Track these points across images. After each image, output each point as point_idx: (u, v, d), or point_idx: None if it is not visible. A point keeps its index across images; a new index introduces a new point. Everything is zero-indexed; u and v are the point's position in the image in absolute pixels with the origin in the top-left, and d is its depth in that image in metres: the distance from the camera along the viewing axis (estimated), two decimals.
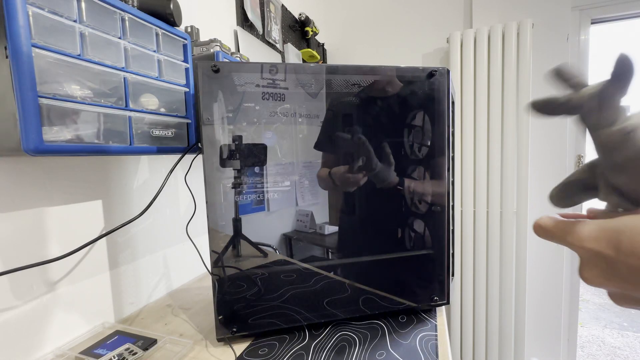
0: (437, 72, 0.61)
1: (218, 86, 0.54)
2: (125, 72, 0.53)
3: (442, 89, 0.61)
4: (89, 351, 0.56)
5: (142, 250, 0.78)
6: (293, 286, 0.61)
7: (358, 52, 2.08)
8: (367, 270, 0.65)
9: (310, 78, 0.58)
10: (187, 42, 0.65)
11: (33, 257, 0.54)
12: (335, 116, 0.60)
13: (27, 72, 0.40)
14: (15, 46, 0.39)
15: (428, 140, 0.62)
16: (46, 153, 0.43)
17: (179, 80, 0.64)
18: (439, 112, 0.62)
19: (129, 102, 0.54)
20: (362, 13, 2.04)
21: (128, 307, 0.74)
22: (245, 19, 1.23)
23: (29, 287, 0.56)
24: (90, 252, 0.66)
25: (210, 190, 0.55)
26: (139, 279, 0.77)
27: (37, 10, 0.41)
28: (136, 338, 0.59)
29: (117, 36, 0.52)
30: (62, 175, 0.61)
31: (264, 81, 0.56)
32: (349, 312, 0.63)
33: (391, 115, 0.62)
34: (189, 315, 0.71)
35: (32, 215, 0.56)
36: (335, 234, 0.64)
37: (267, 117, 0.57)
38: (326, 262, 0.63)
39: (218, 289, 0.57)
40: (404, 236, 0.64)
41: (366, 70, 0.60)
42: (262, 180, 0.58)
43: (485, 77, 1.66)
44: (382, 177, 0.62)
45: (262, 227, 0.59)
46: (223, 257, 0.57)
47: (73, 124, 0.47)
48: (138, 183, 0.76)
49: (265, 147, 0.57)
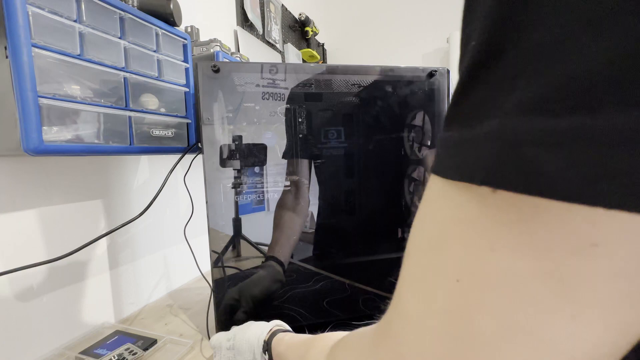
0: (437, 72, 0.61)
1: (218, 86, 0.54)
2: (125, 72, 0.53)
3: (442, 89, 0.61)
4: (89, 351, 0.56)
5: (142, 250, 0.78)
6: (293, 286, 0.61)
7: (358, 52, 2.08)
8: (367, 271, 0.65)
9: (310, 78, 0.58)
10: (187, 42, 0.65)
11: (33, 257, 0.54)
12: (333, 116, 0.60)
13: (27, 72, 0.40)
14: (15, 46, 0.39)
15: (428, 140, 0.62)
16: (46, 153, 0.43)
17: (179, 80, 0.64)
18: (439, 112, 0.62)
19: (129, 102, 0.54)
20: (362, 13, 2.04)
21: (128, 307, 0.74)
22: (245, 19, 1.23)
23: (29, 287, 0.56)
24: (90, 252, 0.65)
25: (210, 190, 0.55)
26: (139, 279, 0.77)
27: (37, 10, 0.41)
28: (136, 338, 0.59)
29: (117, 36, 0.52)
30: (62, 175, 0.61)
31: (264, 81, 0.56)
32: (349, 312, 0.63)
33: (391, 115, 0.62)
34: (189, 315, 0.71)
35: (32, 215, 0.56)
36: (335, 234, 0.64)
37: (267, 117, 0.57)
38: (322, 262, 0.63)
39: (218, 289, 0.57)
40: (404, 236, 0.64)
41: (366, 70, 0.59)
42: (262, 180, 0.58)
43: None
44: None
45: (262, 227, 0.59)
46: (223, 257, 0.57)
47: (73, 124, 0.47)
48: (138, 183, 0.76)
49: (265, 147, 0.57)
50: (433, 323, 0.16)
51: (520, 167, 0.12)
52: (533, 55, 0.12)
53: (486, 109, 0.13)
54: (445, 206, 0.16)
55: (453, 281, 0.15)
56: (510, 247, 0.13)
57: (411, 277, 0.19)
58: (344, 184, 0.63)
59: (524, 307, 0.13)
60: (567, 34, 0.11)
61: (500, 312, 0.14)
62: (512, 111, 0.12)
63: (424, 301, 0.17)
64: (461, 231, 0.15)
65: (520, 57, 0.12)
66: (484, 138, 0.13)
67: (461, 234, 0.15)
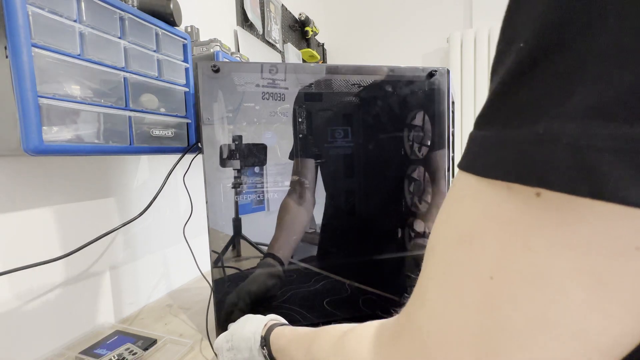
0: (437, 72, 0.61)
1: (218, 86, 0.54)
2: (125, 72, 0.53)
3: (442, 89, 0.61)
4: (89, 351, 0.56)
5: (142, 250, 0.78)
6: (293, 286, 0.61)
7: (358, 52, 2.08)
8: (367, 271, 0.65)
9: (310, 78, 0.58)
10: (187, 42, 0.65)
11: (33, 257, 0.54)
12: (333, 116, 0.60)
13: (27, 72, 0.40)
14: (15, 46, 0.39)
15: (428, 140, 0.62)
16: (46, 153, 0.43)
17: (178, 80, 0.64)
18: (439, 112, 0.62)
19: (129, 102, 0.54)
20: (362, 13, 2.04)
21: (128, 307, 0.74)
22: (245, 19, 1.23)
23: (29, 287, 0.56)
24: (90, 252, 0.65)
25: (210, 190, 0.55)
26: (138, 279, 0.77)
27: (37, 10, 0.41)
28: (136, 338, 0.59)
29: (117, 36, 0.52)
30: (62, 175, 0.61)
31: (264, 81, 0.56)
32: (349, 312, 0.63)
33: (391, 115, 0.62)
34: (189, 315, 0.71)
35: (32, 215, 0.56)
36: (335, 234, 0.64)
37: (267, 117, 0.57)
38: (326, 262, 0.63)
39: (218, 289, 0.57)
40: (404, 236, 0.64)
41: (366, 70, 0.59)
42: (262, 180, 0.58)
43: (485, 77, 1.66)
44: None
45: (262, 227, 0.59)
46: (223, 257, 0.57)
47: (73, 124, 0.47)
48: (138, 183, 0.76)
49: (265, 147, 0.57)
50: (462, 316, 0.17)
51: (583, 171, 0.12)
52: (597, 60, 0.12)
53: (537, 111, 0.14)
54: (479, 203, 0.17)
55: (486, 278, 0.16)
56: (549, 247, 0.14)
57: (438, 271, 0.19)
58: (350, 183, 0.63)
59: (559, 304, 0.14)
60: (636, 41, 0.11)
61: (533, 307, 0.15)
62: (572, 114, 0.12)
63: (452, 295, 0.18)
64: (497, 229, 0.16)
65: (579, 61, 0.12)
66: (537, 139, 0.13)
67: (496, 232, 0.16)
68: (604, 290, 0.13)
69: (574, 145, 0.12)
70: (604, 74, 0.12)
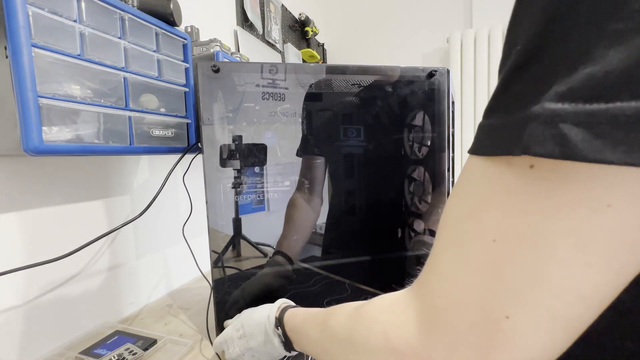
0: (437, 72, 0.61)
1: (218, 86, 0.54)
2: (125, 72, 0.53)
3: (442, 89, 0.61)
4: (89, 351, 0.56)
5: (142, 250, 0.78)
6: (293, 286, 0.61)
7: (358, 52, 2.08)
8: (368, 270, 0.65)
9: (310, 78, 0.58)
10: (187, 42, 0.65)
11: (33, 257, 0.54)
12: (333, 116, 0.60)
13: (27, 72, 0.40)
14: (15, 46, 0.39)
15: (428, 140, 0.62)
16: (46, 153, 0.43)
17: (178, 80, 0.64)
18: (439, 112, 0.62)
19: (128, 102, 0.54)
20: (362, 13, 2.04)
21: (128, 307, 0.74)
22: (245, 19, 1.23)
23: (29, 287, 0.56)
24: (90, 252, 0.65)
25: (210, 190, 0.55)
26: (139, 278, 0.77)
27: (37, 10, 0.41)
28: (136, 338, 0.59)
29: (117, 36, 0.52)
30: (62, 175, 0.61)
31: (264, 81, 0.56)
32: None
33: (391, 115, 0.62)
34: (189, 315, 0.71)
35: (32, 215, 0.56)
36: (335, 234, 0.64)
37: (267, 117, 0.57)
38: (326, 262, 0.63)
39: (218, 289, 0.57)
40: (404, 236, 0.64)
41: (366, 70, 0.59)
42: (262, 180, 0.58)
43: (486, 77, 1.66)
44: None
45: (262, 227, 0.59)
46: (223, 257, 0.57)
47: (73, 124, 0.47)
48: (138, 183, 0.76)
49: (265, 147, 0.57)
50: (468, 277, 0.20)
51: (556, 138, 0.15)
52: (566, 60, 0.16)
53: (527, 98, 0.17)
54: (485, 180, 0.20)
55: (490, 241, 0.19)
56: (541, 211, 0.17)
57: (449, 241, 0.22)
58: (359, 182, 0.63)
59: (550, 260, 0.17)
60: (591, 45, 0.15)
61: (529, 265, 0.17)
62: (550, 99, 0.16)
63: (460, 259, 0.20)
64: (499, 198, 0.19)
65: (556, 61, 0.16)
66: (525, 119, 0.17)
67: (499, 201, 0.19)
68: (585, 245, 0.16)
69: (550, 122, 0.16)
70: (570, 70, 0.15)
